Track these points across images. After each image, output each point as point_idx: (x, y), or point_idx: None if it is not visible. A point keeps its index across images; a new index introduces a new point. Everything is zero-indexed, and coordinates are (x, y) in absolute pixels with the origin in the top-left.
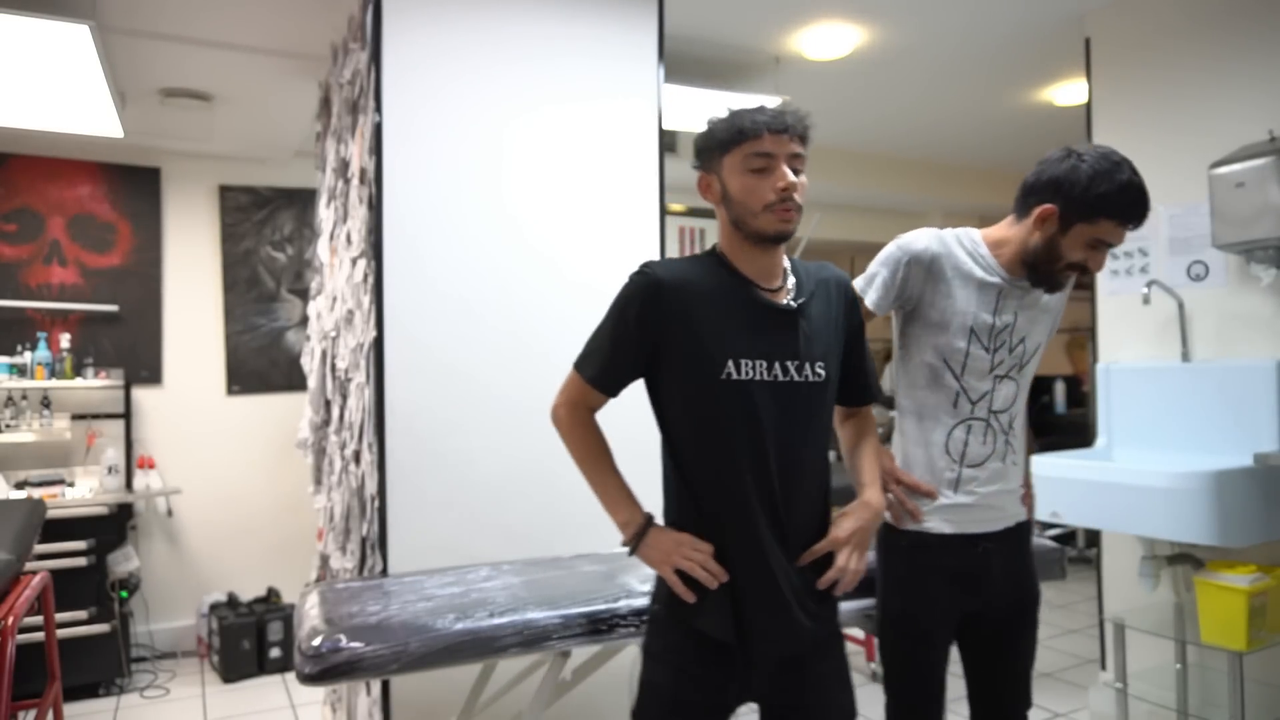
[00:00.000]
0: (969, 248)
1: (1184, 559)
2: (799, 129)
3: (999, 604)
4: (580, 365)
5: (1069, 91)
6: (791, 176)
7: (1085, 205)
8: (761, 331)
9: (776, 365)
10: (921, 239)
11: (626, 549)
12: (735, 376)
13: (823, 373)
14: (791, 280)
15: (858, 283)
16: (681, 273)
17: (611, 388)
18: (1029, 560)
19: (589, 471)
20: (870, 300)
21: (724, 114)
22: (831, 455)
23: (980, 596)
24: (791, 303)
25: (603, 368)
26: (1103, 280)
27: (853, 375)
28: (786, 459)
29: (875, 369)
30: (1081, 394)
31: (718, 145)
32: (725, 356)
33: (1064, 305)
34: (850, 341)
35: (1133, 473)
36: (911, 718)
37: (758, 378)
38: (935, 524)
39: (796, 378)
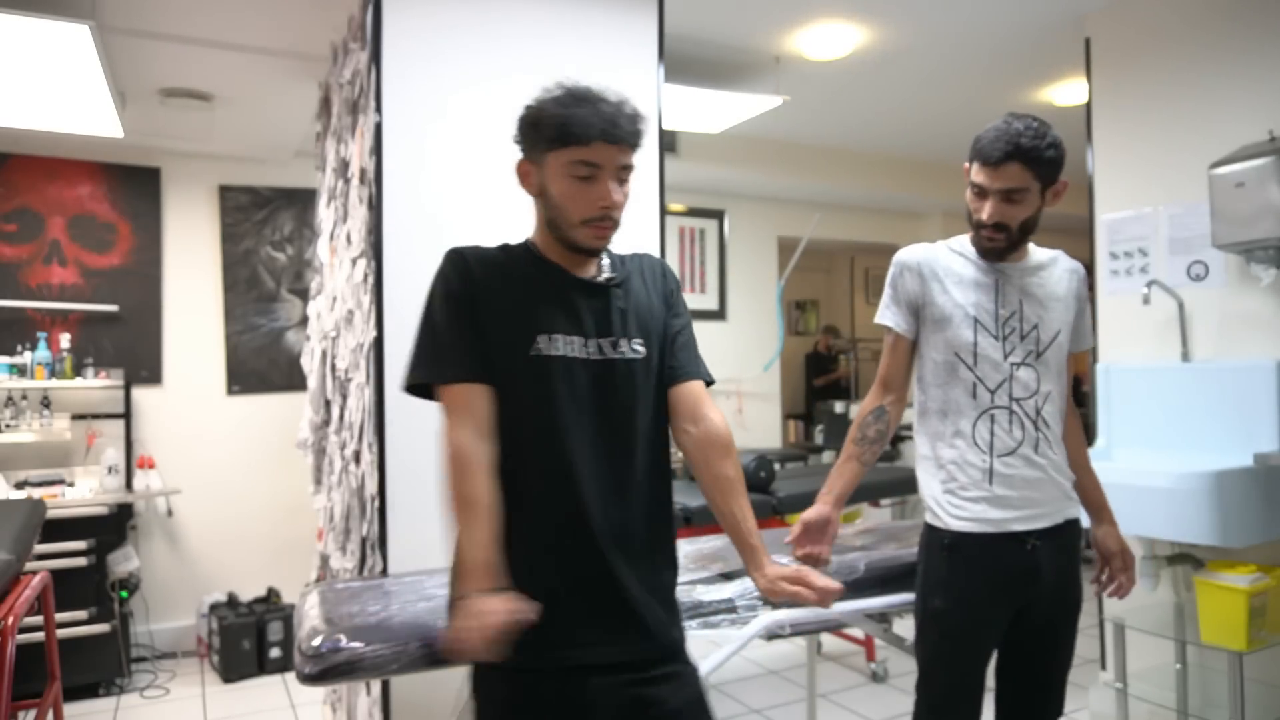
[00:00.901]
0: (956, 248)
1: (1184, 559)
2: (633, 139)
3: (1044, 605)
4: (436, 372)
5: (1069, 91)
6: (616, 194)
7: (970, 154)
8: (572, 308)
9: (591, 342)
10: (909, 250)
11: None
12: (545, 352)
13: (641, 350)
14: (606, 262)
15: (879, 320)
16: (489, 254)
17: (483, 372)
18: (1077, 560)
19: (459, 519)
20: (892, 322)
21: (554, 99)
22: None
23: (1026, 596)
24: (603, 279)
25: (462, 356)
26: (1103, 280)
27: (666, 355)
28: (613, 436)
29: (693, 347)
30: (1081, 394)
31: (545, 136)
32: (534, 331)
33: (1078, 293)
34: (668, 320)
35: (1133, 473)
36: (949, 718)
37: (571, 354)
38: (976, 524)
39: (612, 354)
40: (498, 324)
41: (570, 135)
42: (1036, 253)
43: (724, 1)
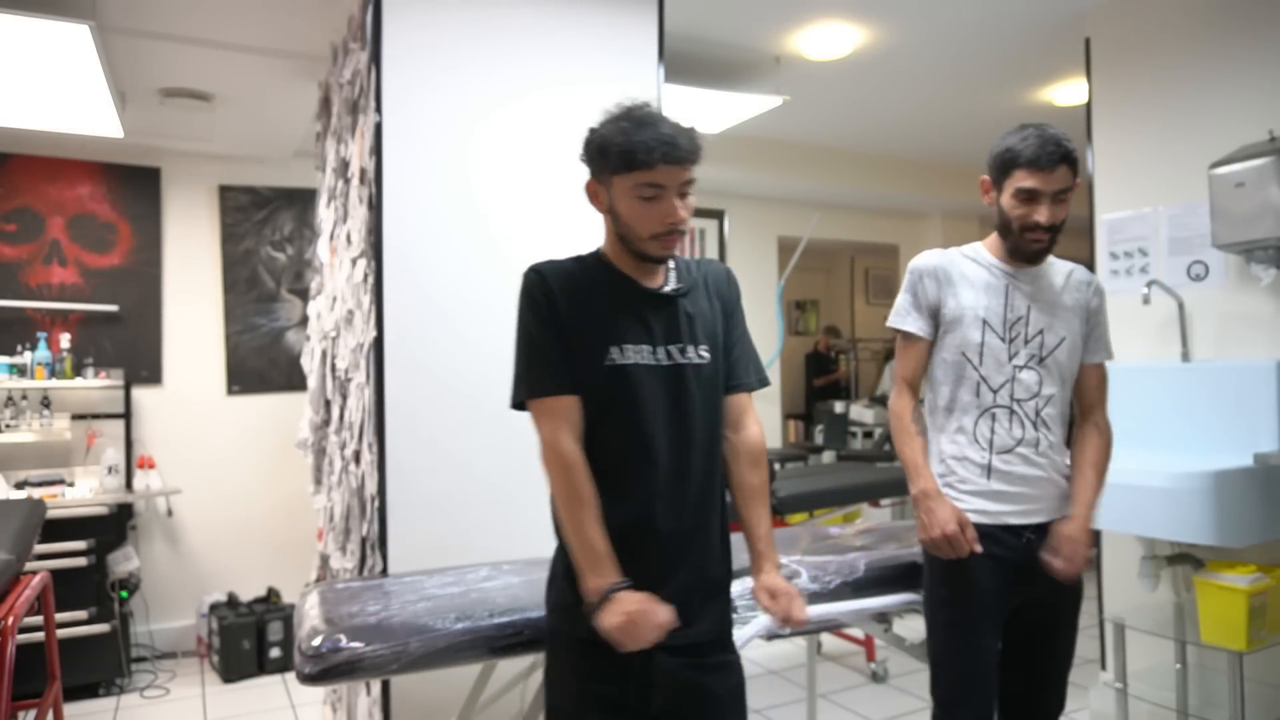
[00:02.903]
0: (970, 254)
1: (1184, 559)
2: (693, 157)
3: (1044, 599)
4: (533, 388)
5: (1069, 91)
6: (681, 210)
7: (1000, 163)
8: (641, 318)
9: (660, 349)
10: (926, 256)
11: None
12: (619, 361)
13: (706, 355)
14: (673, 273)
15: (891, 322)
16: (565, 268)
17: (575, 384)
18: None
19: (580, 520)
20: (915, 328)
21: (617, 127)
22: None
23: (1025, 588)
24: (671, 290)
25: (555, 370)
26: (1102, 280)
27: (727, 359)
28: (680, 439)
29: (748, 353)
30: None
31: (612, 163)
32: (608, 343)
33: (1089, 304)
34: (727, 324)
35: (1132, 473)
36: (960, 709)
37: (642, 361)
38: (973, 515)
39: (680, 360)
40: (576, 336)
41: (635, 161)
42: (1053, 262)
43: (724, 1)
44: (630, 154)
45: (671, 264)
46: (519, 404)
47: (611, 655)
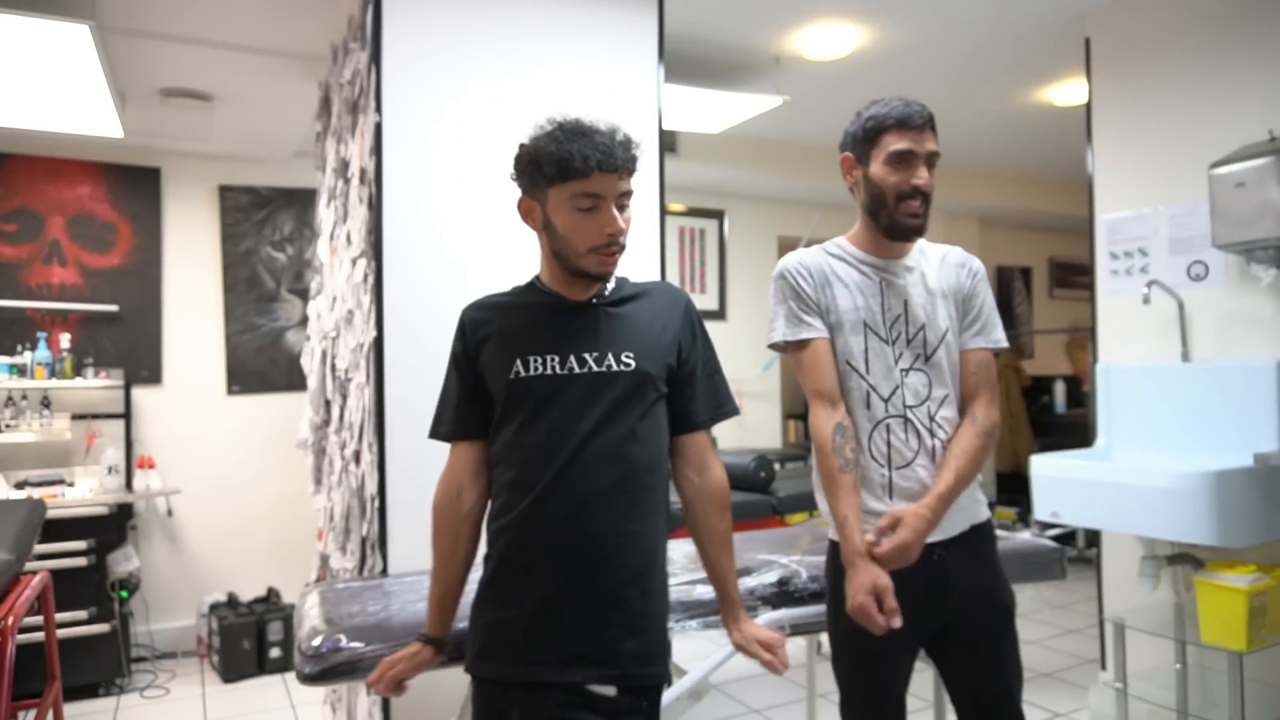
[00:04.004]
0: (835, 251)
1: (1184, 559)
2: (629, 165)
3: (968, 616)
4: (435, 429)
5: (1069, 91)
6: (619, 221)
7: (865, 133)
8: (553, 330)
9: (572, 358)
10: (795, 256)
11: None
12: (523, 374)
13: (631, 362)
14: (611, 287)
15: (782, 336)
16: (493, 301)
17: (471, 430)
18: (995, 565)
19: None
20: (812, 332)
21: (550, 137)
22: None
23: (942, 610)
24: (594, 300)
25: (452, 415)
26: (1102, 280)
27: (678, 395)
28: (587, 448)
29: (714, 389)
30: (1081, 394)
31: (545, 174)
32: (513, 358)
33: (966, 288)
34: (681, 356)
35: (1133, 473)
36: None
37: (546, 372)
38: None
39: (596, 368)
40: (489, 361)
41: (570, 169)
42: (925, 249)
43: (724, 1)
44: (566, 162)
45: (611, 284)
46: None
47: (484, 688)
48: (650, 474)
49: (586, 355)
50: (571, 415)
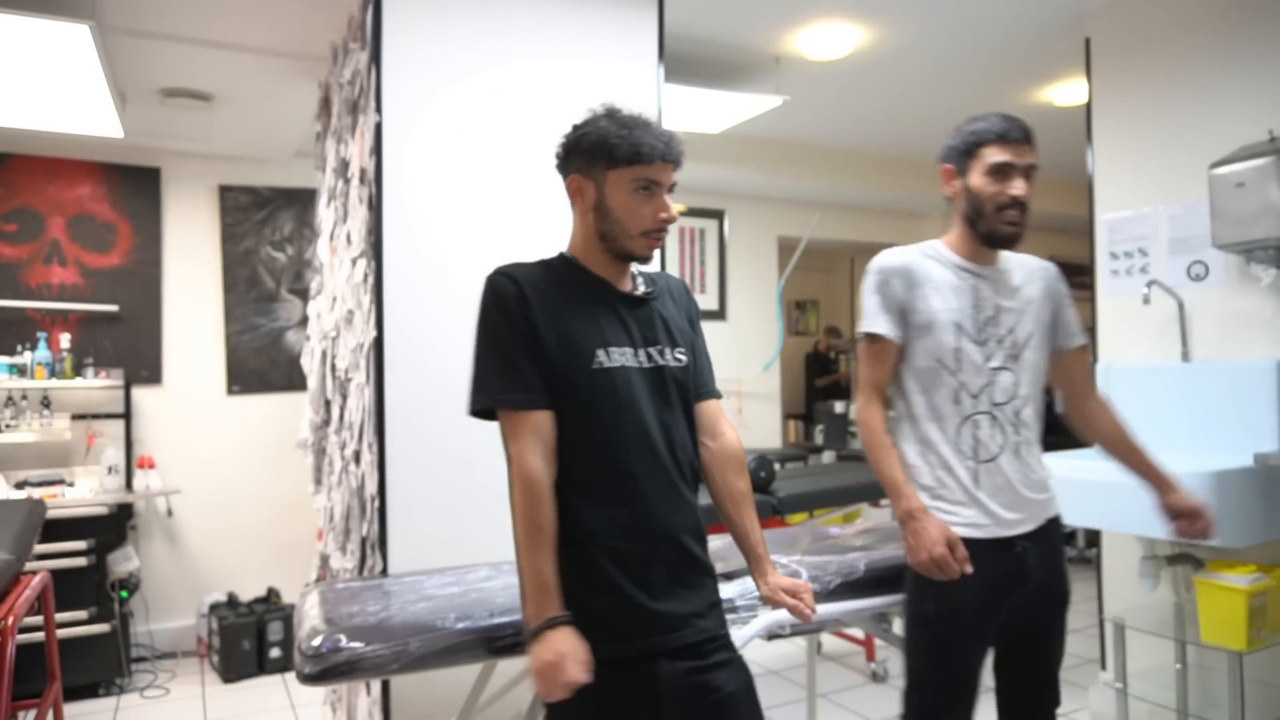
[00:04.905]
0: (931, 254)
1: (1184, 559)
2: (682, 160)
3: (1033, 605)
4: (502, 399)
5: (1069, 91)
6: (672, 208)
7: (965, 145)
8: (623, 321)
9: (642, 352)
10: (889, 255)
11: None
12: (605, 365)
13: (683, 358)
14: (640, 280)
15: (863, 326)
16: (534, 272)
17: (547, 398)
18: (1063, 557)
19: (530, 547)
20: (885, 329)
21: (615, 122)
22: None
23: (1017, 599)
24: (643, 293)
25: (527, 383)
26: (1102, 280)
27: (695, 366)
28: (670, 440)
29: (710, 364)
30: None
31: (606, 156)
32: (594, 346)
33: (1052, 291)
34: (692, 332)
35: None
36: None
37: (628, 364)
38: (964, 530)
39: (660, 361)
40: (558, 341)
41: (639, 155)
42: (1009, 256)
43: (724, 1)
44: (636, 148)
45: (634, 271)
46: (479, 411)
47: (616, 674)
48: (696, 458)
49: (652, 350)
50: (651, 406)
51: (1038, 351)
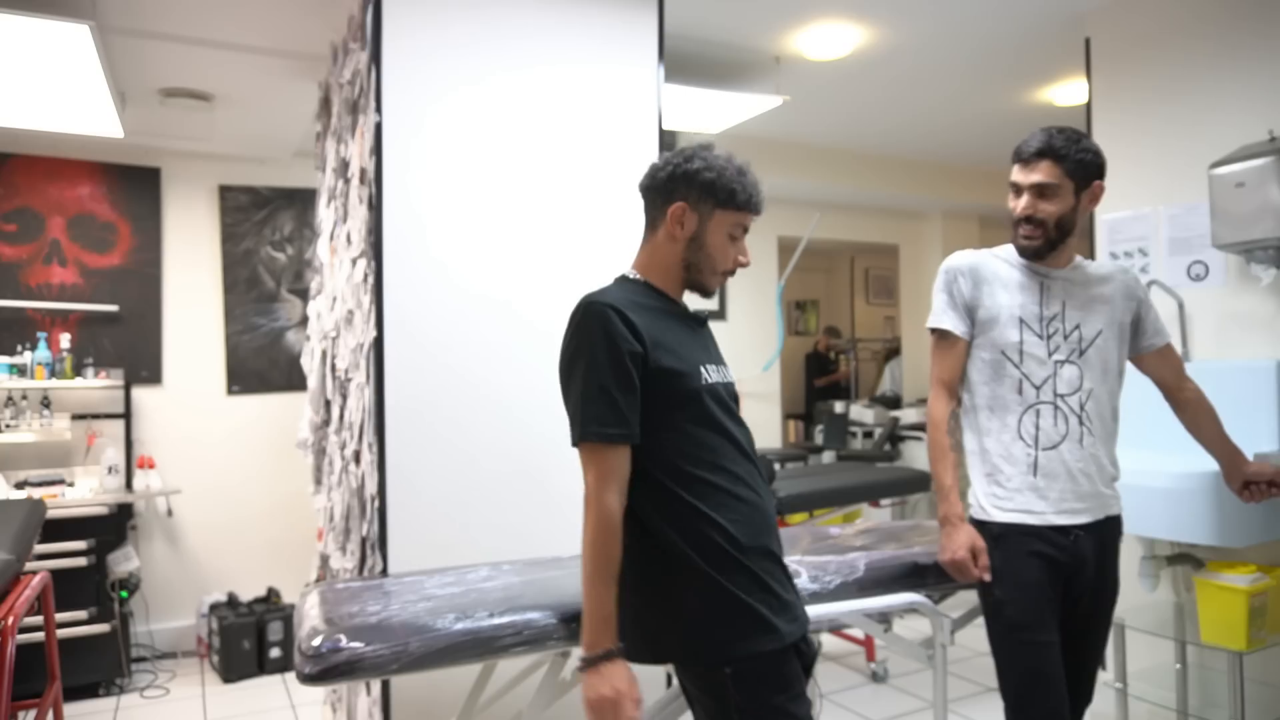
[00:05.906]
0: (1001, 255)
1: (1184, 559)
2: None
3: (1086, 597)
4: (591, 432)
5: (1069, 91)
6: (748, 255)
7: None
8: (703, 343)
9: (717, 370)
10: (958, 256)
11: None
12: (708, 381)
13: (734, 379)
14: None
15: (930, 322)
16: (627, 298)
17: (638, 432)
18: (1115, 558)
19: (598, 579)
20: (952, 326)
21: (731, 167)
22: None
23: (1077, 588)
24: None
25: (617, 417)
26: None
27: None
28: (748, 449)
29: None
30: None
31: (720, 197)
32: (698, 363)
33: (1130, 292)
34: None
35: (1133, 473)
36: (1030, 708)
37: (717, 381)
38: (1020, 515)
39: (726, 380)
40: (669, 362)
41: (749, 203)
42: (1087, 264)
43: (724, 1)
44: (749, 196)
45: None
46: (579, 442)
47: (795, 668)
48: None
49: (722, 368)
50: (733, 419)
51: (1108, 349)
